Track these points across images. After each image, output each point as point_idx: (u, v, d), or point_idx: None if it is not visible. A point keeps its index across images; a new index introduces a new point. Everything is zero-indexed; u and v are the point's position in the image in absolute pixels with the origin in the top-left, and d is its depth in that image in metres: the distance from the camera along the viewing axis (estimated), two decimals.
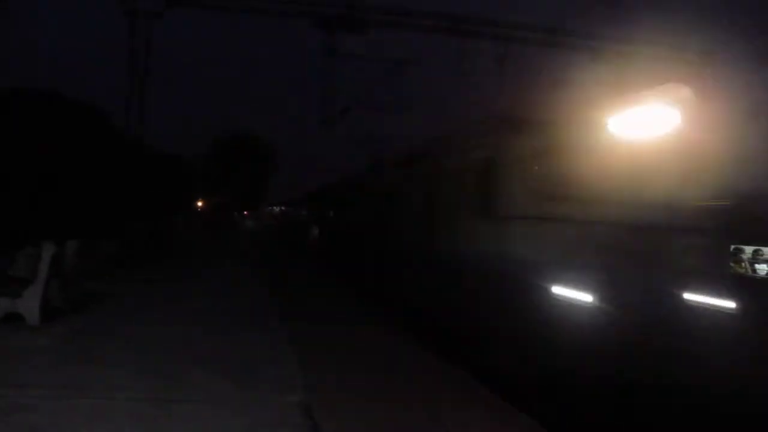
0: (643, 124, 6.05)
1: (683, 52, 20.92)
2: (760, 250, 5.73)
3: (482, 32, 20.30)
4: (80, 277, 12.81)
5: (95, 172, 21.16)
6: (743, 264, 5.62)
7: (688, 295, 5.02)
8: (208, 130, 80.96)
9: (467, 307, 8.38)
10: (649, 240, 5.39)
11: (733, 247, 5.46)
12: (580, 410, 5.77)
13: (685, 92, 5.75)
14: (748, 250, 5.66)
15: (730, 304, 4.68)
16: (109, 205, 21.07)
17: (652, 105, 5.92)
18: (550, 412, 5.92)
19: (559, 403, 6.05)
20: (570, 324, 5.98)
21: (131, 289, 12.43)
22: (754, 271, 5.66)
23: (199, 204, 50.30)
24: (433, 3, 20.87)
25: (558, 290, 6.23)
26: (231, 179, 53.50)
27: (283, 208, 54.60)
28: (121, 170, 21.02)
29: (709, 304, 4.80)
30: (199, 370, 6.48)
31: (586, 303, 5.85)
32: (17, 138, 15.52)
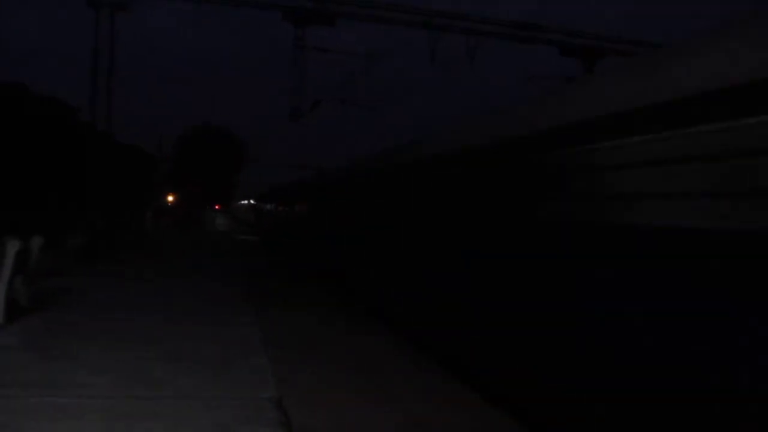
0: None
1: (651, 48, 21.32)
2: None
3: (453, 26, 20.40)
4: (45, 273, 12.59)
5: (61, 166, 20.76)
6: None
7: None
8: (179, 124, 80.00)
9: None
10: None
11: None
12: None
13: None
14: None
15: None
16: (75, 199, 20.69)
17: None
18: None
19: None
20: None
21: (97, 285, 12.23)
22: None
23: (170, 198, 49.62)
24: None
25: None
26: (200, 172, 52.79)
27: (252, 201, 54.34)
28: (87, 164, 20.64)
29: None
30: (167, 366, 6.42)
31: None
32: None
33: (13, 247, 8.59)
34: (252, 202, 54.28)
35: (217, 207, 75.01)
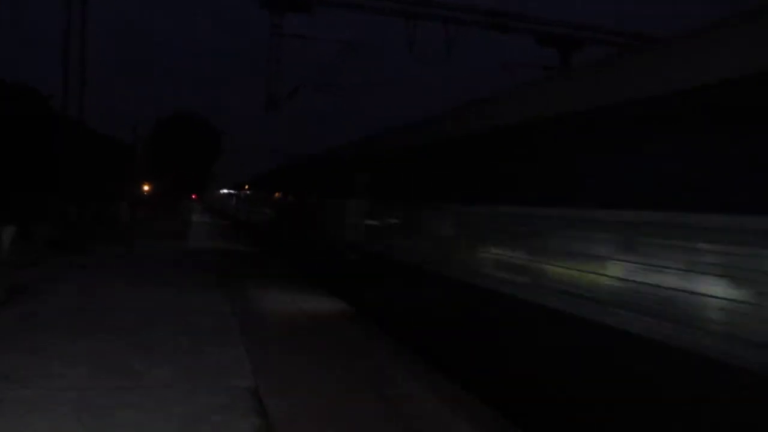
0: None
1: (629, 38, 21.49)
2: None
3: (430, 14, 20.35)
4: (17, 264, 12.39)
5: (32, 155, 20.40)
6: None
7: None
8: (155, 113, 78.84)
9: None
10: None
11: None
12: None
13: None
14: None
15: None
16: (48, 189, 20.34)
17: None
18: None
19: None
20: None
21: (70, 276, 12.07)
22: None
23: (145, 188, 48.92)
24: None
25: None
26: (176, 162, 52.06)
27: (230, 191, 53.72)
28: (60, 153, 20.29)
29: None
30: (142, 356, 6.37)
31: None
32: None
33: None
34: (228, 191, 53.64)
35: (193, 197, 74.25)
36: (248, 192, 31.91)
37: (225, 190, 63.77)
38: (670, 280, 3.73)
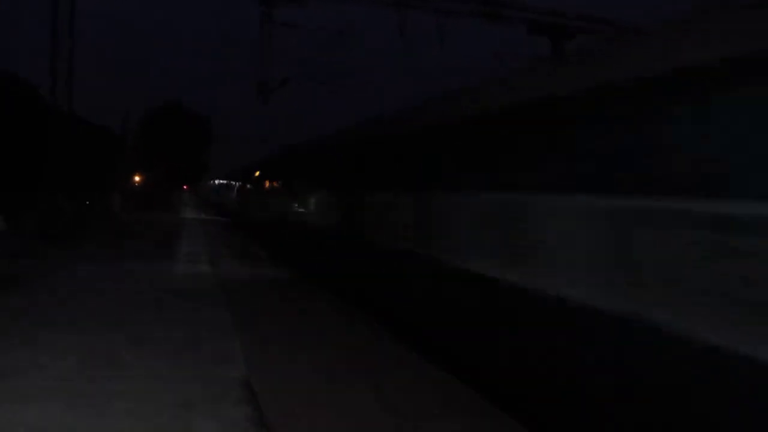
0: None
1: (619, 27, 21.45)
2: None
3: (421, 5, 20.24)
4: (7, 254, 12.33)
5: (21, 146, 20.23)
6: None
7: None
8: (146, 103, 78.16)
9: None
10: None
11: None
12: None
13: None
14: None
15: None
16: (38, 180, 20.20)
17: None
18: None
19: None
20: None
21: (58, 269, 12.01)
22: None
23: (136, 179, 48.58)
24: None
25: None
26: (167, 152, 51.67)
27: (222, 182, 53.37)
28: (50, 144, 20.13)
29: None
30: (132, 347, 6.35)
31: None
32: None
33: None
34: (221, 182, 53.23)
35: (185, 188, 73.86)
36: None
37: (215, 181, 63.26)
38: None
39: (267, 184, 20.43)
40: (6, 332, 6.74)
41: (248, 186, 26.65)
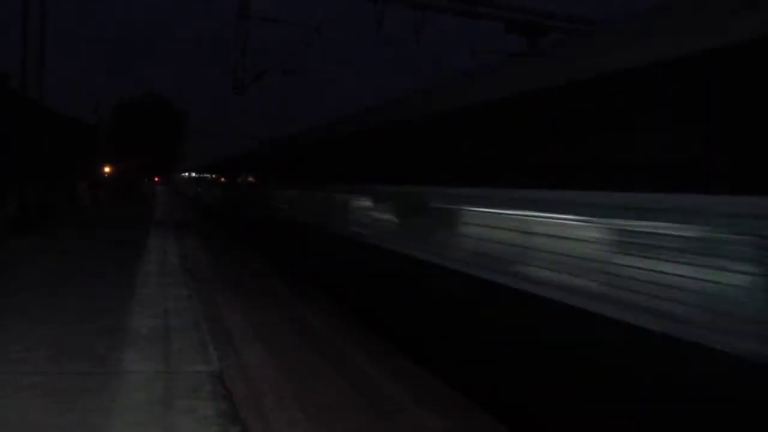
0: None
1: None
2: None
3: None
4: None
5: None
6: None
7: None
8: (119, 93, 76.74)
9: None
10: None
11: None
12: None
13: None
14: None
15: None
16: (4, 169, 19.78)
17: None
18: None
19: None
20: None
21: (28, 257, 11.82)
22: None
23: (107, 170, 47.77)
24: None
25: None
26: (139, 142, 50.89)
27: (194, 174, 52.86)
28: (18, 133, 19.72)
29: None
30: (103, 340, 6.29)
31: None
32: None
33: None
34: (194, 174, 52.68)
35: (156, 179, 72.92)
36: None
37: (188, 174, 62.56)
38: None
39: (236, 177, 23.58)
40: None
41: (221, 179, 29.38)
